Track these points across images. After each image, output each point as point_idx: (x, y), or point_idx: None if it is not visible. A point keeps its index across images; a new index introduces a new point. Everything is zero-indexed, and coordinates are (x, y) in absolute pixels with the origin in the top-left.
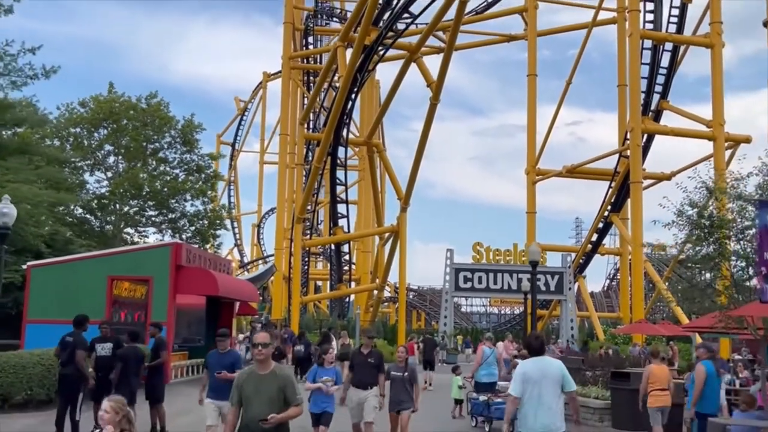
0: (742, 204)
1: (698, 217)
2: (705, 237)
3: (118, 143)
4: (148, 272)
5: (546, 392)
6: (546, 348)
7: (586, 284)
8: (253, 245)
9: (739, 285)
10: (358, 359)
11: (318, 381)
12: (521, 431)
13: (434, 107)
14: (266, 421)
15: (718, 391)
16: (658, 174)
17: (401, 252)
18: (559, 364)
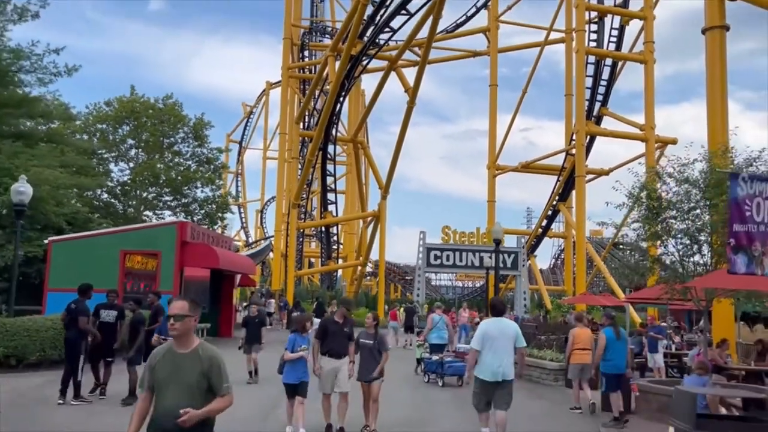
0: (687, 187)
1: (648, 198)
2: (653, 217)
3: (139, 138)
4: (157, 247)
5: (502, 346)
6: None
7: (536, 262)
8: (257, 228)
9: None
10: (333, 328)
11: (297, 350)
12: (479, 376)
13: (410, 109)
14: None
15: (621, 352)
16: (598, 170)
17: (381, 233)
18: (514, 324)
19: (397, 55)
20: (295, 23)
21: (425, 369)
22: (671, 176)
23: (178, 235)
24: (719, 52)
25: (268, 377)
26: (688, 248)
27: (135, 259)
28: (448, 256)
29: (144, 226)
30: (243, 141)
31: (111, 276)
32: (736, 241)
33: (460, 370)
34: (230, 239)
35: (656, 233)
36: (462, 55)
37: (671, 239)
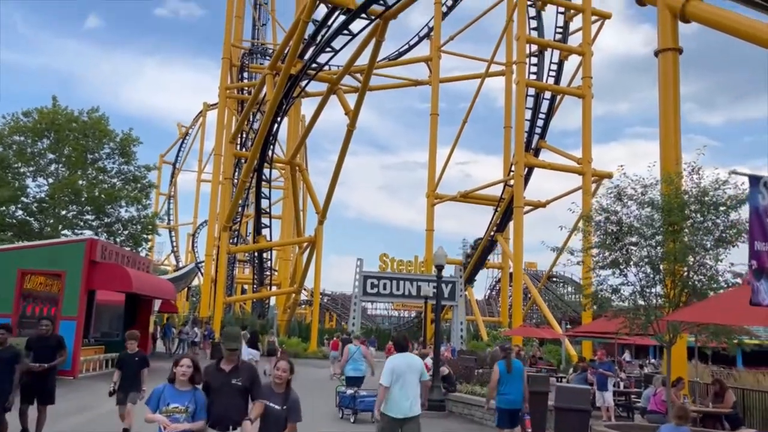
0: (650, 211)
1: (606, 221)
2: (612, 243)
3: (60, 152)
4: (61, 267)
5: (409, 381)
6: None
7: (473, 292)
8: (188, 252)
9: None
10: (218, 381)
11: (162, 410)
12: (388, 413)
13: (350, 132)
14: None
15: (516, 387)
16: (535, 202)
17: (317, 260)
18: (419, 359)
19: (338, 77)
20: (236, 44)
21: (339, 403)
22: (632, 198)
23: (86, 253)
24: (672, 74)
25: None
26: (650, 278)
27: (36, 280)
28: (386, 285)
29: (47, 243)
30: (177, 162)
31: (5, 299)
32: (759, 263)
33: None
34: (148, 260)
35: (616, 261)
36: (404, 83)
37: (632, 267)
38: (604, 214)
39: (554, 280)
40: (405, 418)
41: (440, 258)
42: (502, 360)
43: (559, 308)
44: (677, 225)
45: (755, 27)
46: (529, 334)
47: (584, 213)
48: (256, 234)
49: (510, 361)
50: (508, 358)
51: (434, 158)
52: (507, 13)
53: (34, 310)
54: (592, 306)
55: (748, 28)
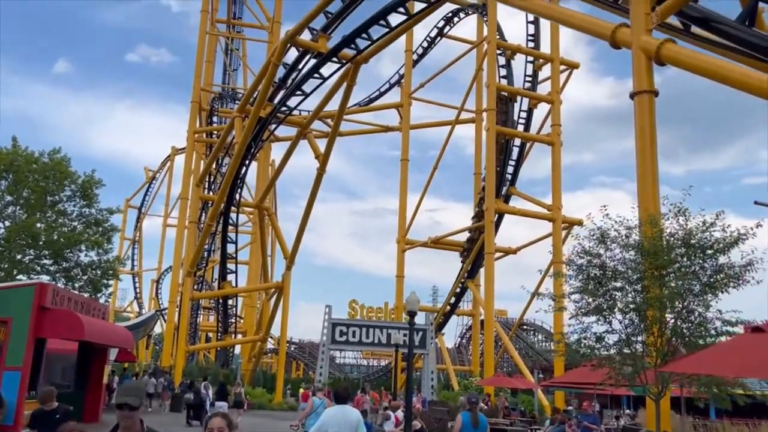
0: (634, 254)
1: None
2: (596, 288)
3: (18, 194)
4: (7, 313)
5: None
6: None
7: (444, 340)
8: (152, 299)
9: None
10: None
11: None
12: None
13: (320, 176)
14: None
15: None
16: (505, 248)
17: (284, 306)
18: (357, 413)
19: (309, 120)
20: (206, 88)
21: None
22: (614, 241)
23: (35, 299)
24: (648, 116)
25: None
26: (636, 325)
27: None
28: (355, 332)
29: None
30: (143, 207)
31: None
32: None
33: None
34: (105, 306)
35: (600, 307)
36: (374, 129)
37: (617, 314)
38: (586, 257)
39: (525, 327)
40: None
41: (413, 304)
42: (467, 412)
43: (530, 356)
44: (663, 269)
45: (730, 69)
46: (502, 384)
47: (556, 259)
48: (221, 280)
49: (476, 414)
50: (473, 411)
51: (405, 204)
52: (477, 61)
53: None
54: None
55: (722, 70)
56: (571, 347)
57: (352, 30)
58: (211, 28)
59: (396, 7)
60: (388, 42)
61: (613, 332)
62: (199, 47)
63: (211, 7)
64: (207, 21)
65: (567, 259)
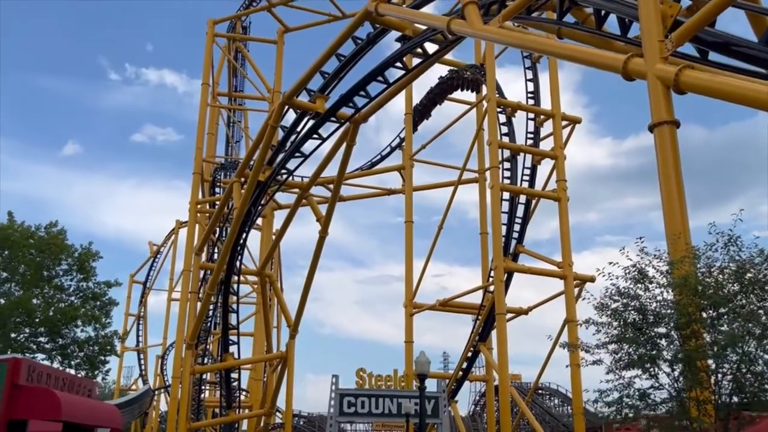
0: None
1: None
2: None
3: (14, 270)
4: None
5: None
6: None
7: (458, 408)
8: (156, 375)
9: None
10: None
11: None
12: None
13: (322, 239)
14: None
15: None
16: (517, 309)
17: (289, 378)
18: None
19: (309, 182)
20: (208, 159)
21: None
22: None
23: (8, 376)
24: (671, 147)
25: None
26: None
27: None
28: (363, 403)
29: None
30: (147, 282)
31: None
32: None
33: None
34: (92, 383)
35: (642, 357)
36: (377, 193)
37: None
38: (621, 300)
39: (540, 392)
40: None
41: (422, 365)
42: None
43: (547, 422)
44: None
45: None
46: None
47: (569, 317)
48: (222, 352)
49: None
50: None
51: (410, 266)
52: (477, 120)
53: None
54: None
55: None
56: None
57: (349, 88)
58: (213, 100)
59: (393, 62)
60: (387, 99)
61: (661, 388)
62: (200, 119)
63: (212, 80)
64: (208, 94)
65: (598, 303)
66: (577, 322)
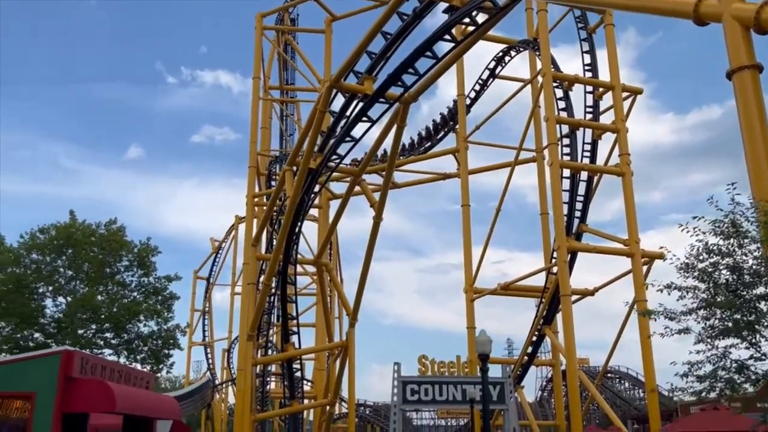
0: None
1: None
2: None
3: (78, 268)
4: (32, 386)
5: None
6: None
7: (524, 394)
8: (224, 368)
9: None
10: None
11: None
12: None
13: (377, 225)
14: None
15: None
16: (582, 290)
17: (350, 366)
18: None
19: (361, 166)
20: (263, 152)
21: None
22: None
23: (61, 369)
24: (753, 95)
25: None
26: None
27: (5, 405)
28: (427, 390)
29: (13, 360)
30: (211, 277)
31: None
32: None
33: None
34: (150, 375)
35: (738, 324)
36: (432, 178)
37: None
38: (711, 258)
39: (609, 375)
40: None
41: (483, 345)
42: None
43: (618, 406)
44: None
45: None
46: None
47: (638, 297)
48: (283, 342)
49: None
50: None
51: (469, 250)
52: (532, 97)
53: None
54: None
55: None
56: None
57: (397, 66)
58: (264, 94)
59: (441, 35)
60: (437, 75)
61: (763, 358)
62: (253, 113)
63: (263, 74)
64: (260, 88)
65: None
66: (646, 301)
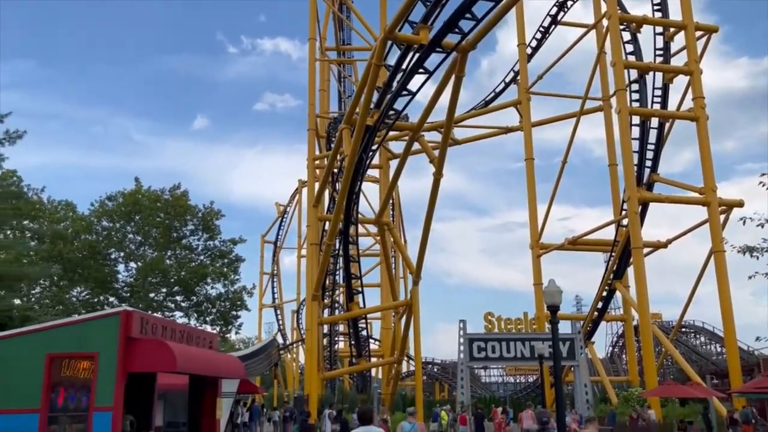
0: None
1: None
2: None
3: (146, 233)
4: (93, 347)
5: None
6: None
7: (595, 350)
8: (293, 329)
9: None
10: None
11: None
12: None
13: (437, 181)
14: None
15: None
16: (654, 242)
17: (415, 324)
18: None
19: (420, 121)
20: (322, 115)
21: None
22: None
23: (121, 329)
24: None
25: None
26: None
27: (67, 365)
28: (494, 347)
29: (75, 321)
30: (278, 241)
31: (32, 391)
32: None
33: None
34: (212, 335)
35: None
36: (494, 132)
37: None
38: None
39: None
40: None
41: (553, 295)
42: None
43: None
44: None
45: None
46: (674, 394)
47: (716, 248)
48: (348, 301)
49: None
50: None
51: (534, 205)
52: (598, 43)
53: (67, 403)
54: None
55: None
56: None
57: (453, 12)
58: (321, 55)
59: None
60: (495, 20)
61: None
62: (310, 75)
63: (319, 35)
64: (316, 49)
65: None
66: (724, 252)
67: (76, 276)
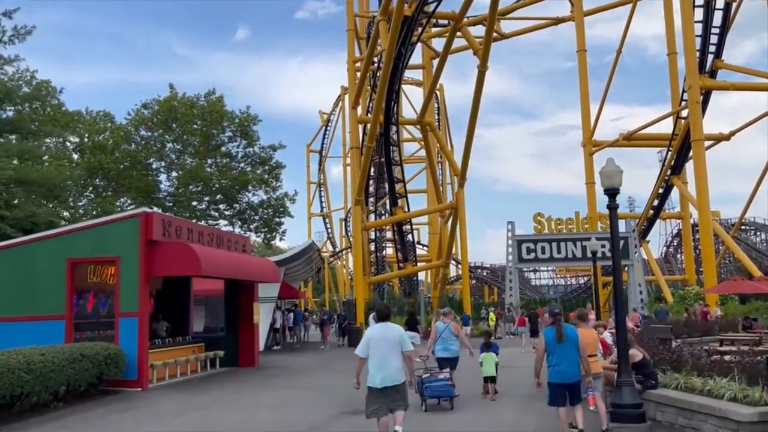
0: None
1: None
2: None
3: (186, 142)
4: (114, 251)
5: (387, 351)
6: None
7: (650, 249)
8: (342, 237)
9: None
10: None
11: None
12: (368, 384)
13: (482, 74)
14: None
15: (567, 357)
16: (716, 135)
17: (461, 227)
18: (399, 329)
19: (461, 11)
20: (360, 13)
21: (417, 389)
22: None
23: (141, 231)
24: None
25: None
26: None
27: (90, 270)
28: (543, 248)
29: (95, 224)
30: (323, 150)
31: (56, 297)
32: None
33: (443, 390)
34: (245, 239)
35: None
36: (542, 24)
37: None
38: None
39: (743, 228)
40: (384, 388)
41: (612, 177)
42: (551, 326)
43: (754, 259)
44: None
45: None
46: (740, 290)
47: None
48: (392, 206)
49: (561, 327)
50: (558, 324)
51: (587, 101)
52: None
53: (98, 309)
54: None
55: None
56: None
57: None
58: None
59: None
60: None
61: None
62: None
63: None
64: None
65: None
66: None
67: (120, 186)
